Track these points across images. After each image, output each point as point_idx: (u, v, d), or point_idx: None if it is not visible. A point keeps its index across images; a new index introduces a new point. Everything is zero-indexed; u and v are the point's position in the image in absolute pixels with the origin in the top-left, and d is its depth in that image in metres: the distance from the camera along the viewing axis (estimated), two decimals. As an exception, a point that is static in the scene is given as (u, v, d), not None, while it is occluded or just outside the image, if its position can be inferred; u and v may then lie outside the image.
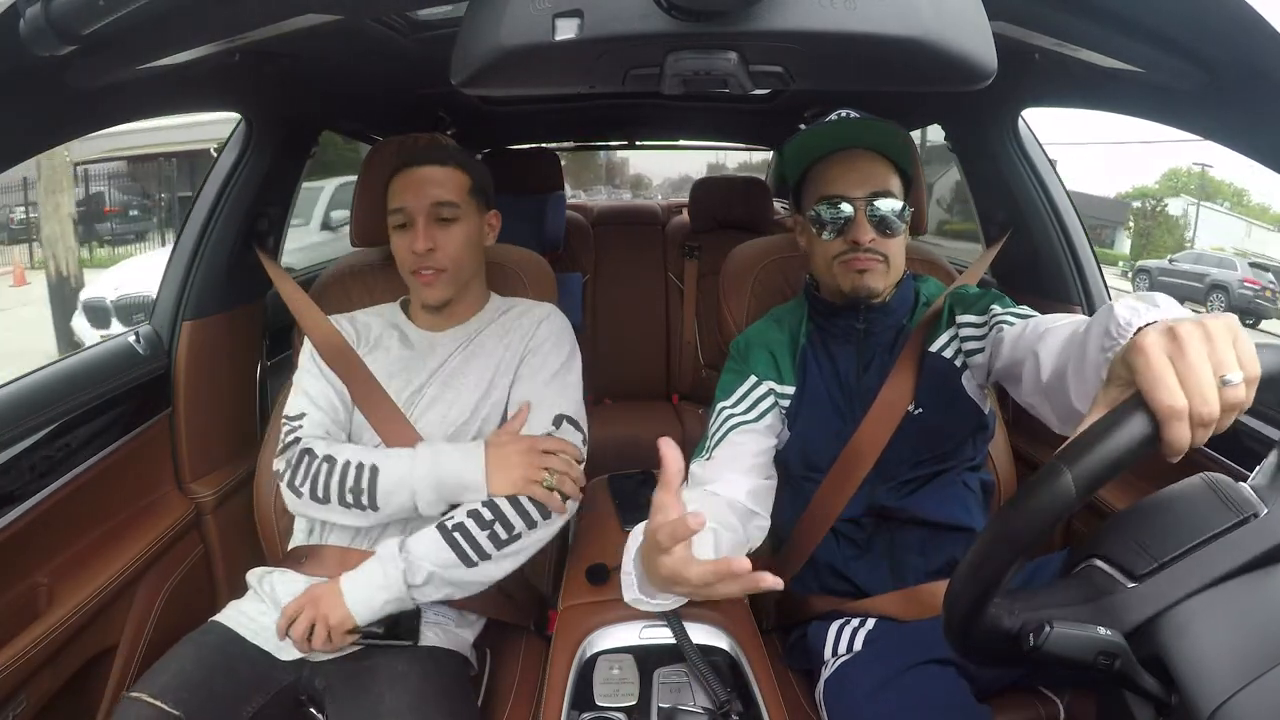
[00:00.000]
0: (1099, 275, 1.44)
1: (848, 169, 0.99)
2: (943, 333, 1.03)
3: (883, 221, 0.98)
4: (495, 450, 0.96)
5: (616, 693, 0.82)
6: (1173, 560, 0.58)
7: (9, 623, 0.95)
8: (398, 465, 0.95)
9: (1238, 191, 14.84)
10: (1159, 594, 0.57)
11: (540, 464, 0.96)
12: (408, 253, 1.04)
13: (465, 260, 1.07)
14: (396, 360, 1.10)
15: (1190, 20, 0.72)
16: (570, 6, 0.55)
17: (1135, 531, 0.61)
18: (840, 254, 1.00)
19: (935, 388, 1.00)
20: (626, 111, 2.42)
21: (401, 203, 1.04)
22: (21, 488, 1.03)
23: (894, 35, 0.55)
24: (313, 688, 0.97)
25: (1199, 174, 15.45)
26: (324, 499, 0.96)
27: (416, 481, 0.94)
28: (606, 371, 2.47)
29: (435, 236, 1.03)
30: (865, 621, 0.97)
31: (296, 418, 1.03)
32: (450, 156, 1.08)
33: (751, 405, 1.03)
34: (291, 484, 0.98)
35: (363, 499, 0.95)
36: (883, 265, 1.00)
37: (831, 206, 0.99)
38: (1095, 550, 0.63)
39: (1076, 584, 0.62)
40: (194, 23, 0.76)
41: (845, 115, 1.02)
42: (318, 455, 0.98)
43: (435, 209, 1.04)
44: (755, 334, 1.11)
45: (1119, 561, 0.60)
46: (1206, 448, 1.12)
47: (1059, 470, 0.52)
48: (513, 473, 0.95)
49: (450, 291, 1.06)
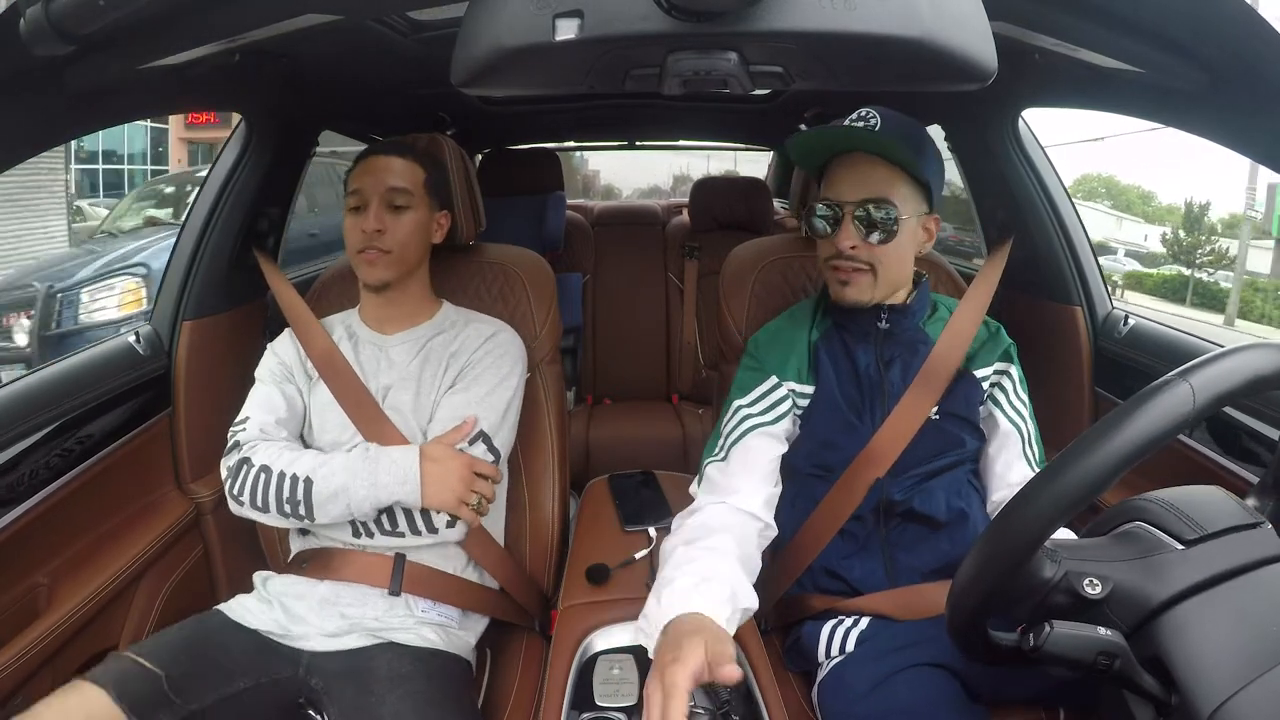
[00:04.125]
0: (1099, 275, 1.44)
1: (848, 172, 0.99)
2: (993, 363, 1.04)
3: (870, 228, 0.97)
4: (432, 465, 0.97)
5: (616, 693, 0.82)
6: (1219, 534, 0.58)
7: (9, 623, 0.95)
8: (331, 480, 0.96)
9: (1145, 194, 17.03)
10: (1208, 562, 0.57)
11: (473, 486, 0.99)
12: (357, 232, 1.06)
13: (411, 247, 1.09)
14: (355, 364, 1.11)
15: (1190, 20, 0.72)
16: (570, 6, 0.55)
17: (1172, 506, 0.62)
18: (829, 258, 1.01)
19: (959, 399, 1.01)
20: (626, 112, 2.42)
21: (358, 185, 1.08)
22: (21, 488, 1.03)
23: (894, 35, 0.55)
24: (310, 688, 0.97)
25: (1107, 179, 18.71)
26: (263, 508, 0.98)
27: (352, 496, 0.96)
28: (606, 371, 2.47)
29: (385, 219, 1.06)
30: (859, 621, 0.97)
31: (240, 422, 1.05)
32: (410, 151, 1.12)
33: (770, 407, 1.02)
34: (232, 492, 1.00)
35: (300, 509, 0.97)
36: (868, 276, 0.99)
37: (822, 209, 1.00)
38: (1134, 516, 0.63)
39: (1124, 541, 0.62)
40: (194, 23, 0.76)
41: (865, 114, 1.00)
42: (254, 464, 0.99)
43: (389, 194, 1.07)
44: (773, 331, 1.10)
45: (1165, 527, 0.60)
46: (1207, 448, 1.13)
47: (1174, 382, 0.52)
48: (447, 493, 0.97)
49: (391, 275, 1.08)
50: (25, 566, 1.03)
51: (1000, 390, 1.05)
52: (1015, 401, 1.04)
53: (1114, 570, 0.58)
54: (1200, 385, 0.54)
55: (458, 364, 1.10)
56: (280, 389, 1.08)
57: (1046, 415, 1.09)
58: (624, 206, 3.23)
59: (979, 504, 1.02)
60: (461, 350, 1.10)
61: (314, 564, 1.04)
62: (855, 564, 1.00)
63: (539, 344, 1.24)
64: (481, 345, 1.11)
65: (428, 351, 1.11)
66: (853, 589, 1.00)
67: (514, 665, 1.11)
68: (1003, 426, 1.03)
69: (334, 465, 0.98)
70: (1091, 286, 1.41)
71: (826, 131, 1.01)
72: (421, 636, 1.00)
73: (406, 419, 1.06)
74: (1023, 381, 1.06)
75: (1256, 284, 13.86)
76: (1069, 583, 0.58)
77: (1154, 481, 0.71)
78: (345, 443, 1.06)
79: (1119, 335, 1.35)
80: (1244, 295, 12.84)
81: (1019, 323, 1.50)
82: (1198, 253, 14.15)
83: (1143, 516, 0.62)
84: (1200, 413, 0.54)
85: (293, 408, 1.08)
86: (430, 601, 1.03)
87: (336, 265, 1.35)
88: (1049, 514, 0.55)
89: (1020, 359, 1.07)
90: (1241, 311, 12.68)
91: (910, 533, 0.99)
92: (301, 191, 1.62)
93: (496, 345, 1.11)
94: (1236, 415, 1.09)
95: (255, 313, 1.50)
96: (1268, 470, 0.67)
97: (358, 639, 0.99)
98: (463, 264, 1.27)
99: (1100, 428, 0.55)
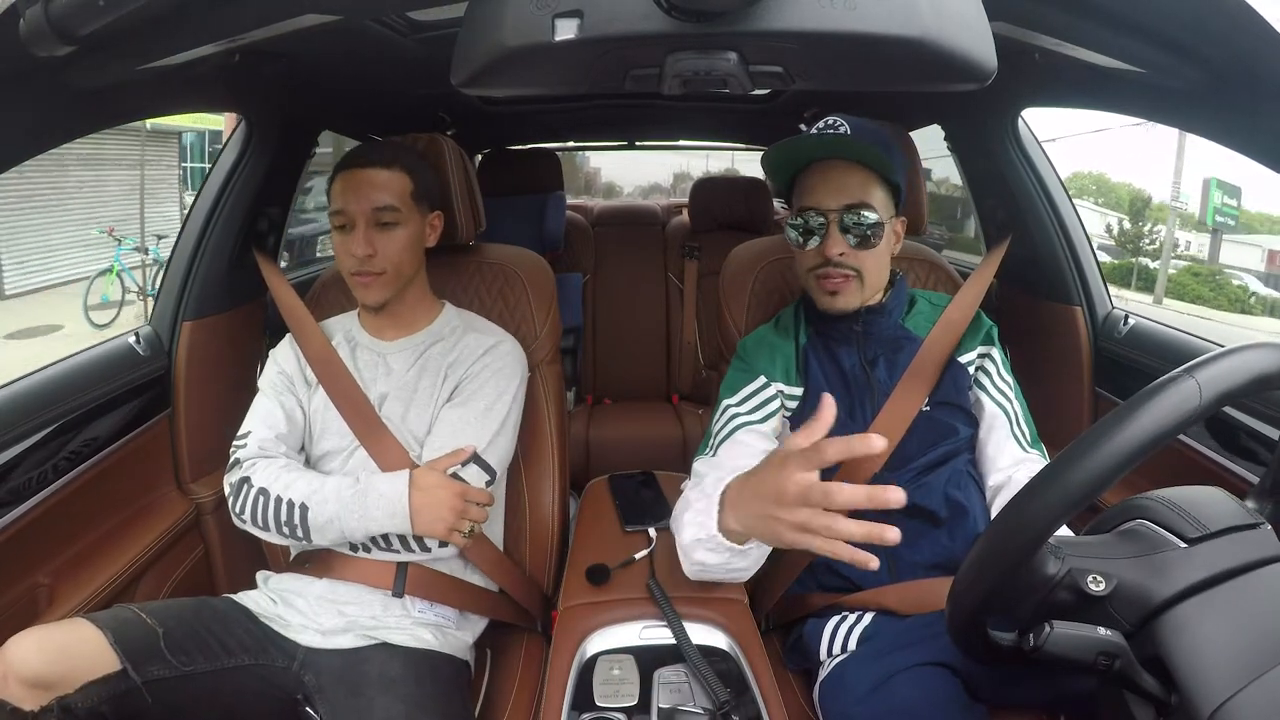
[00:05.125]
0: (1099, 275, 1.44)
1: (824, 180, 1.00)
2: (975, 347, 1.05)
3: (856, 235, 0.98)
4: (421, 495, 0.97)
5: (616, 693, 0.82)
6: (1221, 533, 0.58)
7: (9, 623, 0.95)
8: (324, 509, 0.97)
9: (1134, 192, 17.78)
10: (1211, 560, 0.57)
11: (465, 515, 0.99)
12: (347, 255, 1.04)
13: (405, 263, 1.07)
14: (353, 370, 1.10)
15: (1190, 20, 0.72)
16: (570, 7, 0.55)
17: (1174, 504, 0.61)
18: (814, 267, 1.01)
19: (949, 389, 1.02)
20: (626, 112, 2.42)
21: (342, 204, 1.04)
22: (22, 488, 1.03)
23: (894, 35, 0.55)
24: (304, 684, 0.98)
25: (1097, 176, 19.51)
26: (264, 527, 0.99)
27: (344, 525, 0.96)
28: (606, 372, 2.47)
29: (375, 241, 1.03)
30: (861, 619, 0.97)
31: (242, 436, 1.05)
32: (394, 159, 1.07)
33: (757, 406, 1.03)
34: (234, 510, 1.02)
35: (298, 532, 0.98)
36: (855, 282, 1.00)
37: (804, 219, 1.00)
38: (1138, 514, 0.63)
39: (1128, 539, 0.62)
40: (194, 23, 0.76)
41: (833, 123, 1.02)
42: (254, 486, 1.00)
43: (376, 214, 1.03)
44: (762, 335, 1.11)
45: (1168, 525, 0.60)
46: (1208, 447, 1.13)
47: (1181, 377, 0.52)
48: (437, 524, 0.97)
49: (387, 294, 1.07)
50: (26, 566, 1.03)
51: (984, 373, 1.06)
52: (999, 383, 1.05)
53: (1118, 567, 0.58)
54: (1206, 382, 0.54)
55: (455, 375, 1.09)
56: (280, 401, 1.08)
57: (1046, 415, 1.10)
58: (624, 206, 3.23)
59: (978, 496, 1.02)
60: (460, 361, 1.09)
61: (315, 564, 1.04)
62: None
63: (539, 344, 1.24)
64: (480, 358, 1.09)
65: (425, 360, 1.10)
66: (854, 585, 1.00)
67: (514, 665, 1.11)
68: (989, 409, 1.03)
69: (326, 493, 0.97)
70: (1091, 286, 1.41)
71: (804, 140, 1.02)
72: (417, 637, 1.00)
73: (399, 429, 1.06)
74: (1005, 363, 1.07)
75: (1194, 269, 15.36)
76: (1072, 579, 0.58)
77: (1154, 481, 0.71)
78: (345, 449, 1.06)
79: (1119, 335, 1.35)
80: (1182, 279, 14.69)
81: (1019, 322, 1.51)
82: (1141, 242, 15.79)
83: (1146, 514, 0.62)
84: (1206, 409, 0.54)
85: (293, 420, 1.08)
86: (428, 602, 1.04)
87: (335, 268, 1.35)
88: (1053, 511, 0.55)
89: (1020, 359, 1.07)
90: (1178, 294, 14.21)
91: (911, 528, 0.99)
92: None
93: (495, 358, 1.10)
94: (1236, 415, 1.09)
95: (255, 313, 1.50)
96: (1267, 472, 0.67)
97: (353, 639, 0.99)
98: (463, 264, 1.27)
99: (1105, 424, 0.55)
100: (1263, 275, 14.80)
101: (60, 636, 0.85)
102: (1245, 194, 15.08)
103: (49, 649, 0.83)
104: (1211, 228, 14.96)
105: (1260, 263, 15.13)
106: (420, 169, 1.10)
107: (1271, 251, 15.15)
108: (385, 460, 1.03)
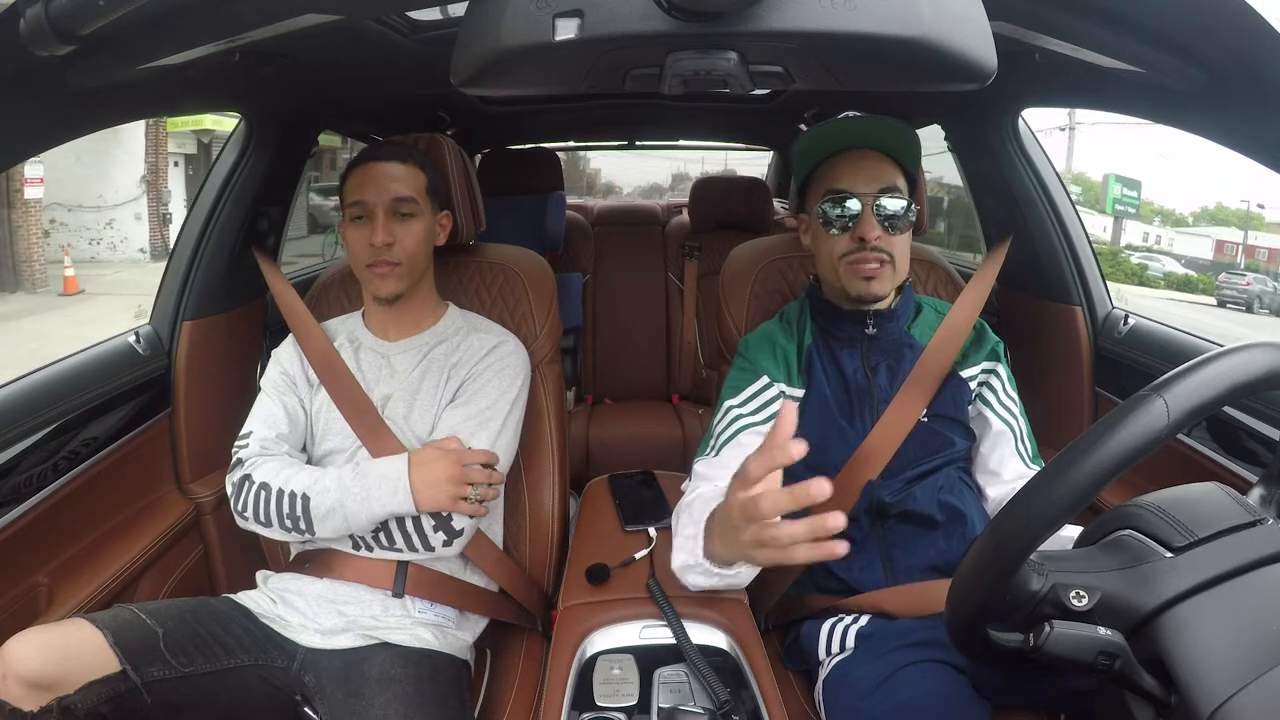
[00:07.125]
0: (1099, 275, 1.44)
1: (856, 166, 1.00)
2: (980, 363, 1.05)
3: (890, 218, 0.99)
4: (419, 469, 0.97)
5: (616, 693, 0.82)
6: (1209, 539, 0.58)
7: (9, 623, 0.95)
8: (326, 497, 0.97)
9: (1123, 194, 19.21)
10: (1197, 568, 0.57)
11: (464, 479, 0.98)
12: (364, 246, 1.04)
13: (420, 255, 1.08)
14: (355, 371, 1.10)
15: (1190, 20, 0.72)
16: (570, 6, 0.55)
17: (1163, 511, 0.61)
18: (846, 253, 1.00)
19: (948, 402, 1.02)
20: (626, 112, 2.42)
21: (360, 196, 1.05)
22: (21, 487, 1.03)
23: (894, 35, 0.55)
24: (303, 684, 0.98)
25: (1077, 175, 20.34)
26: (266, 523, 0.99)
27: (347, 511, 0.96)
28: (606, 371, 2.47)
29: (394, 230, 1.04)
30: (858, 619, 0.97)
31: (244, 437, 1.06)
32: (409, 155, 1.10)
33: (760, 407, 1.03)
34: (236, 508, 1.02)
35: (300, 524, 0.98)
36: (889, 266, 1.00)
37: (838, 202, 1.00)
38: (1124, 524, 0.62)
39: (1112, 551, 0.61)
40: (194, 23, 0.76)
41: (852, 116, 1.02)
42: (255, 482, 1.00)
43: (395, 204, 1.05)
44: (764, 333, 1.10)
45: (1154, 534, 0.60)
46: (1207, 447, 1.13)
47: (1148, 398, 0.51)
48: (440, 494, 0.97)
49: (403, 286, 1.07)
50: (25, 566, 1.03)
51: (989, 390, 1.05)
52: (1005, 400, 1.05)
53: (1101, 581, 0.58)
54: (1175, 399, 0.53)
55: (459, 376, 1.09)
56: (282, 401, 1.08)
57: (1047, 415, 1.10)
58: (624, 206, 3.23)
59: (974, 501, 1.02)
60: (463, 362, 1.10)
61: (315, 564, 1.04)
62: (854, 564, 1.00)
63: (539, 344, 1.24)
64: (483, 358, 1.10)
65: (429, 361, 1.10)
66: (851, 588, 1.00)
67: (514, 665, 1.11)
68: (995, 426, 1.04)
69: (327, 482, 0.98)
70: (1091, 286, 1.41)
71: (850, 123, 1.01)
72: (416, 637, 1.00)
73: (402, 430, 1.06)
74: (1011, 379, 1.07)
75: (1098, 249, 17.61)
76: (1055, 595, 0.58)
77: (1154, 481, 0.71)
78: (348, 450, 1.06)
79: (1119, 335, 1.35)
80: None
81: (1019, 323, 1.51)
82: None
83: (1133, 524, 0.62)
84: (1176, 427, 0.54)
85: (294, 420, 1.08)
86: (428, 602, 1.04)
87: (336, 266, 1.35)
88: (1033, 528, 0.56)
89: (1020, 359, 1.07)
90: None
91: (906, 532, 0.99)
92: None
93: (498, 358, 1.10)
94: (1236, 415, 1.09)
95: (255, 313, 1.50)
96: (1275, 458, 0.66)
97: (352, 639, 0.99)
98: (463, 264, 1.27)
99: (1075, 447, 0.55)
100: (1208, 264, 17.22)
101: (60, 637, 0.85)
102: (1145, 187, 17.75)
103: (49, 649, 0.83)
104: (1112, 215, 17.45)
105: (1209, 252, 18.06)
106: (432, 168, 1.13)
107: (1219, 241, 18.09)
108: (378, 448, 1.03)
